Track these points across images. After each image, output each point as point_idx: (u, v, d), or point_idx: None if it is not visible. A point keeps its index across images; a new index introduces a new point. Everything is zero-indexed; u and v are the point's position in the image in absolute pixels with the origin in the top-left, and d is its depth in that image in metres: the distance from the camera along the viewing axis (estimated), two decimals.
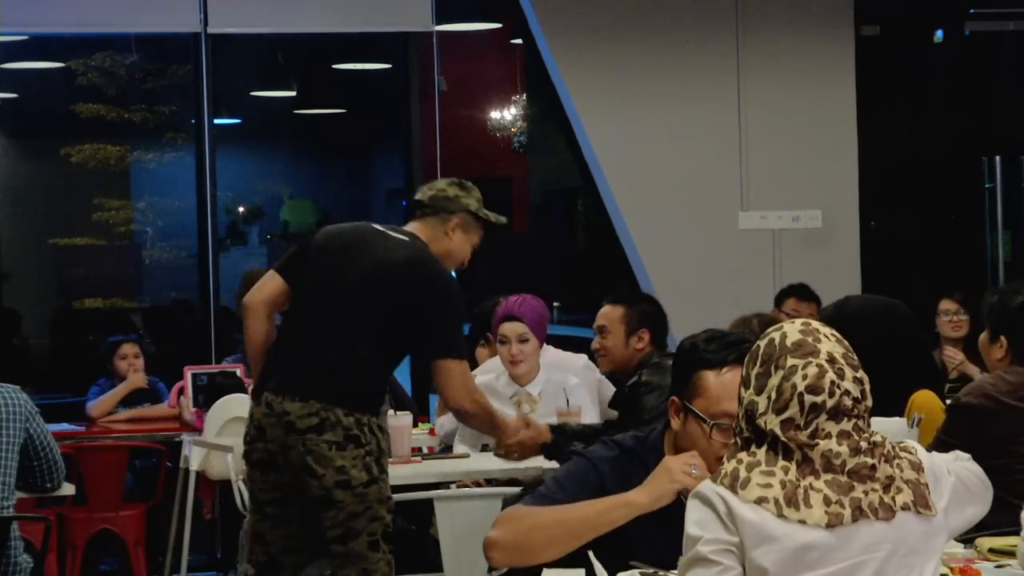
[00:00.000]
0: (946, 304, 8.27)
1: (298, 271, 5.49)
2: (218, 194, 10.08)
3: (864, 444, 2.86)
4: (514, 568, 3.79)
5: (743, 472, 2.84)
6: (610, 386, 7.45)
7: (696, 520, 2.86)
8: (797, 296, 8.41)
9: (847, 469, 2.84)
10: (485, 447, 6.84)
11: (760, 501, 2.81)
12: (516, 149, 13.86)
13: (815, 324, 2.93)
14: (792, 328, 2.92)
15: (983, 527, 3.50)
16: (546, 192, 14.59)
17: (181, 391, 8.68)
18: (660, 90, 9.99)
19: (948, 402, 5.04)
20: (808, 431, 2.84)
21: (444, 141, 10.21)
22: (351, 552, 5.27)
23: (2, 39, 10.45)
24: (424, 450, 7.45)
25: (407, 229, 5.54)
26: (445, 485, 6.34)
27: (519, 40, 11.36)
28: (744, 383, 2.92)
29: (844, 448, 2.84)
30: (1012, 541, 3.93)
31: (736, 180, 10.05)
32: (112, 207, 12.51)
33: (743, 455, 2.88)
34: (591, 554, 3.36)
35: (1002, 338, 4.89)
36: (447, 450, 6.94)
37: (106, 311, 12.09)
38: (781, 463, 2.84)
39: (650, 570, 3.41)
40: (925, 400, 5.63)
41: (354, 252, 5.40)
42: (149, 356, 9.13)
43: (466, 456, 6.65)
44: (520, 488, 5.60)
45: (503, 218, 5.74)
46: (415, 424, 7.41)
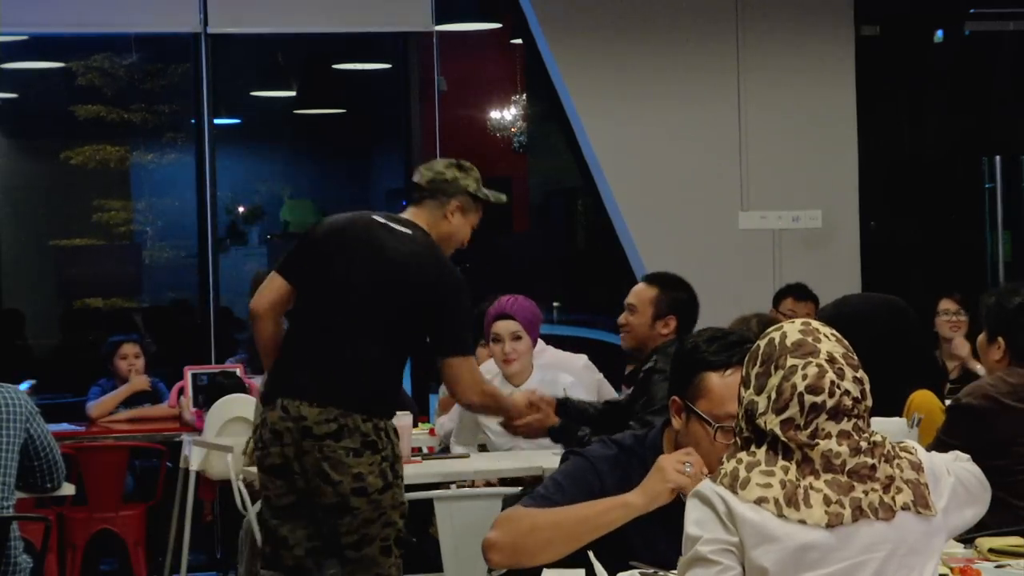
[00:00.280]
0: (946, 304, 8.26)
1: (301, 270, 5.41)
2: (218, 194, 10.08)
3: (864, 444, 2.86)
4: (514, 568, 3.79)
5: (743, 472, 2.84)
6: (611, 388, 7.45)
7: (695, 520, 2.86)
8: (794, 296, 8.39)
9: (847, 469, 2.83)
10: (483, 447, 6.84)
11: (760, 501, 2.81)
12: (516, 149, 13.85)
13: (815, 324, 2.93)
14: (792, 328, 2.91)
15: (983, 527, 3.50)
16: (546, 192, 14.57)
17: (181, 391, 8.68)
18: (660, 90, 9.99)
19: (948, 402, 5.04)
20: (808, 431, 2.84)
21: (444, 141, 10.21)
22: (364, 558, 5.25)
23: (2, 39, 10.44)
24: (424, 450, 7.45)
25: (407, 218, 5.46)
26: (445, 485, 6.34)
27: (519, 40, 11.35)
28: (744, 383, 2.92)
29: (844, 448, 2.84)
30: (1012, 541, 3.94)
31: (736, 180, 10.05)
32: (112, 207, 12.51)
33: (743, 455, 2.88)
34: (591, 554, 3.36)
35: (1000, 339, 4.89)
36: (447, 450, 6.94)
37: (106, 311, 12.09)
38: (781, 463, 2.84)
39: (650, 570, 3.41)
40: (924, 400, 5.63)
41: (359, 250, 5.33)
42: (149, 356, 9.13)
43: (466, 456, 6.65)
44: (520, 488, 5.60)
45: (503, 196, 5.66)
46: (415, 424, 7.42)
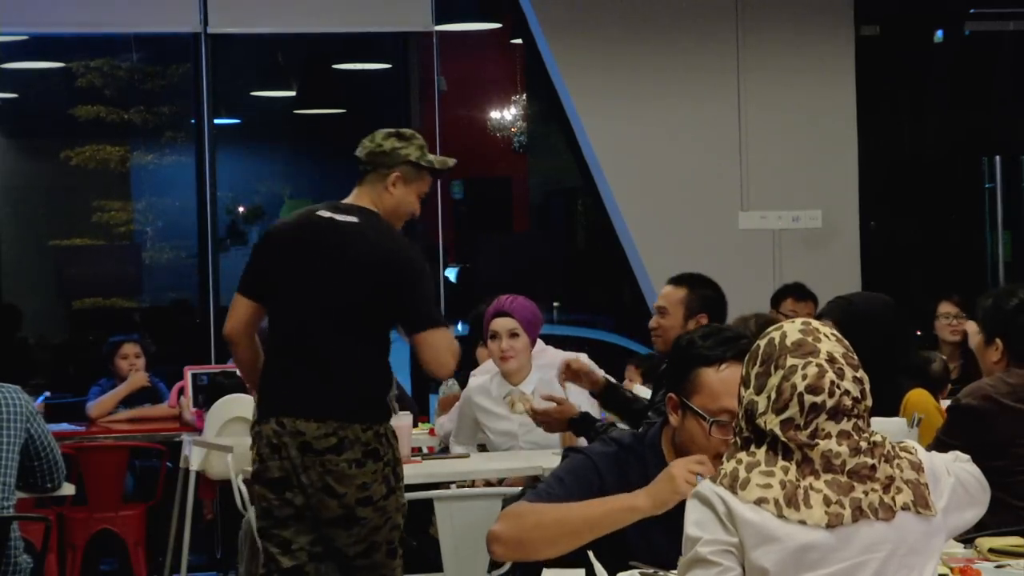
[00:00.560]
0: (945, 307, 8.19)
1: (260, 286, 5.30)
2: (218, 194, 10.08)
3: (864, 444, 2.86)
4: (515, 568, 3.80)
5: (743, 472, 2.84)
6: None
7: (695, 521, 2.86)
8: (794, 296, 8.35)
9: (847, 469, 2.83)
10: (483, 447, 6.84)
11: (760, 502, 2.81)
12: (516, 149, 13.86)
13: (815, 324, 2.93)
14: (792, 328, 2.91)
15: (983, 527, 3.50)
16: (546, 192, 14.59)
17: (181, 391, 8.68)
18: (660, 90, 9.99)
19: (948, 403, 5.04)
20: (808, 431, 2.84)
21: (444, 141, 10.20)
22: (373, 564, 5.21)
23: (2, 39, 10.45)
24: (424, 450, 7.45)
25: (350, 203, 5.34)
26: (445, 485, 6.33)
27: (519, 40, 11.36)
28: (744, 382, 2.92)
29: (844, 448, 2.84)
30: (1012, 541, 3.94)
31: (736, 180, 10.05)
32: (112, 207, 12.51)
33: (743, 455, 2.87)
34: (591, 554, 3.36)
35: (998, 340, 4.89)
36: (447, 450, 6.94)
37: (106, 311, 12.09)
38: (781, 463, 2.84)
39: (650, 570, 3.41)
40: (920, 399, 5.64)
41: (308, 253, 5.21)
42: (149, 356, 9.12)
43: (466, 456, 6.65)
44: (520, 488, 5.60)
45: (450, 160, 5.48)
46: (415, 424, 7.42)
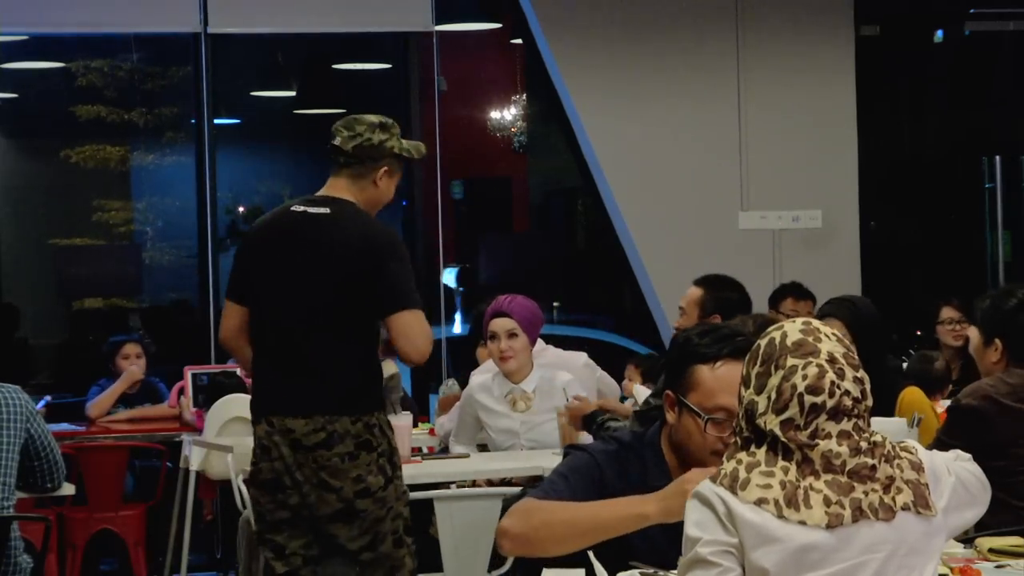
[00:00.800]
0: (947, 312, 8.15)
1: (243, 288, 5.30)
2: (218, 194, 10.09)
3: (864, 444, 2.86)
4: (515, 568, 3.80)
5: (743, 472, 2.84)
6: (611, 383, 7.48)
7: (695, 521, 2.86)
8: (793, 296, 8.32)
9: (847, 469, 2.83)
10: (483, 447, 6.84)
11: (760, 502, 2.80)
12: (516, 149, 13.85)
13: (816, 323, 2.93)
14: (793, 328, 2.91)
15: (983, 527, 3.50)
16: (546, 192, 14.58)
17: (181, 391, 8.68)
18: (660, 90, 9.99)
19: (948, 404, 5.05)
20: (808, 431, 2.84)
21: (444, 141, 10.21)
22: (380, 556, 5.18)
23: (2, 39, 10.45)
24: (424, 450, 7.45)
25: (324, 195, 5.28)
26: (445, 485, 6.33)
27: (519, 40, 11.36)
28: (744, 382, 2.91)
29: (844, 448, 2.84)
30: (1012, 541, 3.94)
31: (736, 180, 10.05)
32: (112, 207, 12.51)
33: (743, 455, 2.87)
34: (591, 554, 3.37)
35: (997, 341, 4.89)
36: (447, 450, 6.94)
37: (106, 311, 12.09)
38: (781, 463, 2.84)
39: (650, 570, 3.42)
40: (916, 396, 5.65)
41: (284, 250, 5.19)
42: (149, 356, 9.12)
43: (466, 456, 6.64)
44: (520, 488, 5.60)
45: (422, 146, 5.47)
46: (415, 424, 7.42)
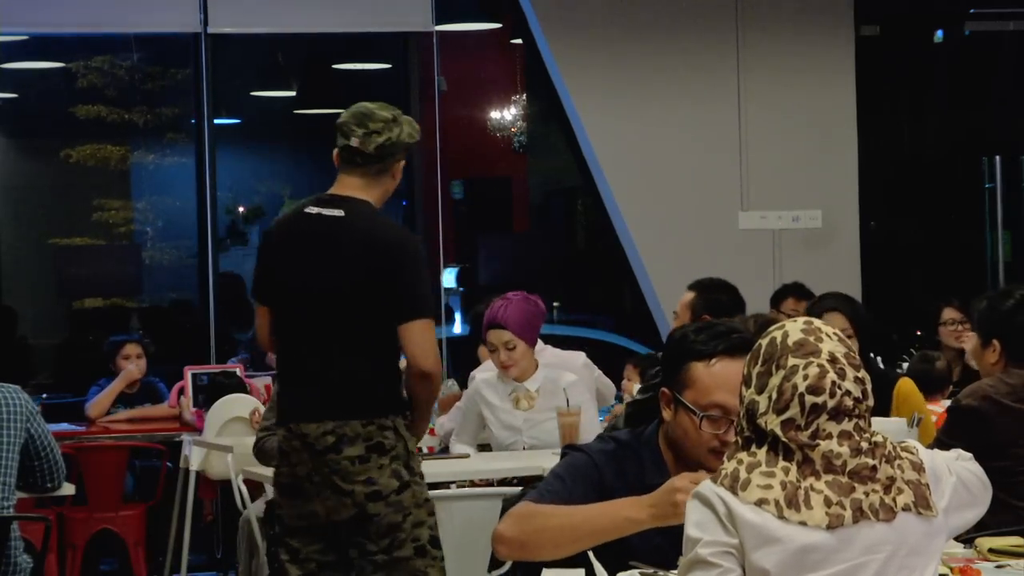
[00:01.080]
0: (949, 313, 8.11)
1: (265, 290, 5.27)
2: (218, 194, 10.08)
3: (865, 444, 2.85)
4: (515, 568, 3.80)
5: (743, 473, 2.84)
6: (608, 383, 7.49)
7: (696, 522, 2.85)
8: (795, 296, 8.29)
9: (848, 470, 2.83)
10: (484, 447, 6.83)
11: (760, 503, 2.80)
12: (516, 149, 13.85)
13: (817, 323, 2.92)
14: (794, 327, 2.91)
15: (983, 527, 3.50)
16: (546, 192, 14.57)
17: (181, 391, 8.68)
18: (660, 89, 9.99)
19: (948, 404, 5.04)
20: (809, 431, 2.83)
21: (444, 141, 10.21)
22: (397, 561, 5.06)
23: (2, 39, 10.45)
24: (424, 450, 7.45)
25: (338, 194, 5.19)
26: (445, 485, 6.33)
27: (519, 40, 11.36)
28: (745, 382, 2.91)
29: (845, 449, 2.83)
30: (1012, 541, 3.94)
31: (736, 180, 10.05)
32: (112, 207, 12.51)
33: (743, 455, 2.87)
34: (591, 554, 3.37)
35: (995, 342, 4.88)
36: (447, 450, 6.93)
37: (106, 311, 12.09)
38: (781, 464, 2.84)
39: (650, 570, 3.41)
40: (911, 387, 5.65)
41: (301, 253, 5.14)
42: (149, 356, 9.12)
43: (466, 456, 6.64)
44: (520, 488, 5.60)
45: (417, 127, 5.32)
46: None
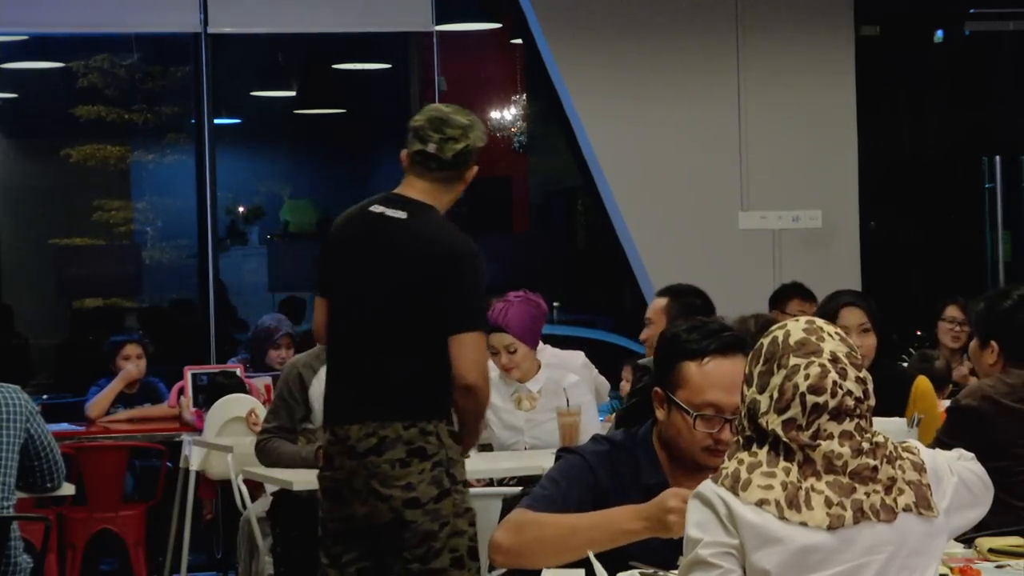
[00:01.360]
0: (952, 311, 8.09)
1: (326, 284, 5.17)
2: (218, 194, 10.08)
3: (866, 445, 2.85)
4: (514, 568, 3.80)
5: (744, 473, 2.84)
6: (604, 382, 7.52)
7: (696, 522, 2.85)
8: (801, 297, 8.23)
9: (849, 470, 2.83)
10: (485, 447, 6.83)
11: (761, 503, 2.80)
12: (516, 149, 13.85)
13: (819, 323, 2.92)
14: (796, 327, 2.91)
15: (983, 527, 3.50)
16: (546, 192, 14.57)
17: (181, 391, 8.68)
18: (660, 90, 9.99)
19: (948, 404, 5.04)
20: (810, 432, 2.83)
21: None
22: (433, 572, 4.93)
23: (2, 39, 10.45)
24: None
25: (406, 194, 5.13)
26: None
27: (519, 40, 11.36)
28: (747, 381, 2.91)
29: (846, 449, 2.83)
30: (1012, 541, 3.94)
31: (736, 180, 10.05)
32: (112, 207, 12.52)
33: (744, 455, 2.87)
34: (591, 554, 3.37)
35: (993, 343, 4.88)
36: None
37: (106, 311, 12.09)
38: (782, 464, 2.83)
39: (650, 570, 3.41)
40: (928, 388, 5.64)
41: (360, 252, 5.08)
42: (148, 356, 9.11)
43: (466, 456, 6.62)
44: (520, 488, 5.59)
45: (484, 130, 5.29)
46: None
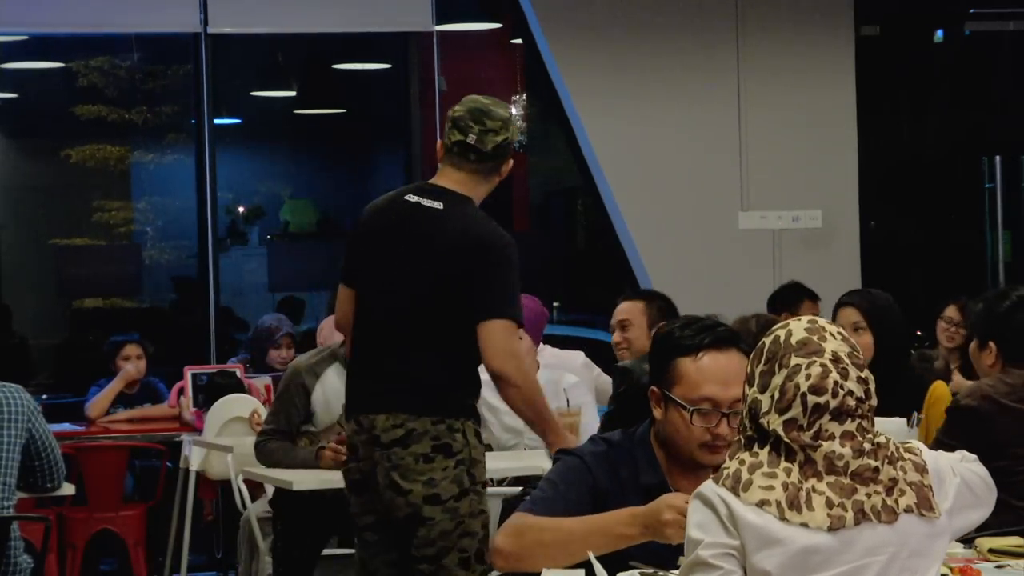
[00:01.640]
0: (951, 311, 8.09)
1: (353, 272, 5.10)
2: (218, 194, 10.08)
3: (868, 446, 2.85)
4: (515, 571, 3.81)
5: (745, 473, 2.83)
6: (608, 380, 7.48)
7: (697, 523, 2.85)
8: (810, 299, 8.13)
9: (850, 471, 2.82)
10: (487, 447, 6.82)
11: (762, 504, 2.79)
12: (516, 149, 13.84)
13: (821, 322, 2.92)
14: (798, 326, 2.90)
15: (983, 527, 3.50)
16: (546, 192, 14.56)
17: (181, 391, 8.69)
18: (660, 90, 9.99)
19: (948, 404, 5.04)
20: (811, 432, 2.83)
21: None
22: (440, 571, 4.89)
23: (2, 39, 10.45)
24: None
25: (442, 185, 5.03)
26: None
27: (519, 40, 11.35)
28: (748, 380, 2.91)
29: (847, 450, 2.83)
30: (1012, 541, 3.94)
31: (736, 180, 10.05)
32: (112, 207, 12.52)
33: (745, 455, 2.86)
34: (591, 554, 3.37)
35: (991, 344, 4.88)
36: None
37: (106, 311, 12.08)
38: (783, 464, 2.83)
39: (650, 570, 3.41)
40: (944, 392, 5.64)
41: (393, 241, 4.99)
42: (148, 356, 9.11)
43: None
44: (520, 488, 5.59)
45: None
46: None
